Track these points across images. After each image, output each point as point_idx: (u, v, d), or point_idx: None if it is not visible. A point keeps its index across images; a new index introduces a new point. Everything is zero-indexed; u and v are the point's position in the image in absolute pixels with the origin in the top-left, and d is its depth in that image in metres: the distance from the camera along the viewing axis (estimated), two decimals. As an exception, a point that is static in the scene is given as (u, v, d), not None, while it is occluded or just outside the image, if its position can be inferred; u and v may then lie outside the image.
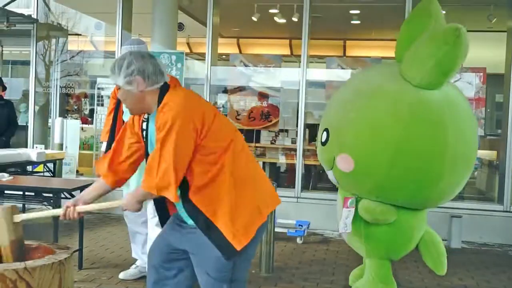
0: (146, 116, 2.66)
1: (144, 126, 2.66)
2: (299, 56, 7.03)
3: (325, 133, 3.90)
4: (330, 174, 3.93)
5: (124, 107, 4.23)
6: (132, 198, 2.57)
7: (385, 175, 3.62)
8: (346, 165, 3.69)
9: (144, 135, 2.67)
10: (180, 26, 9.77)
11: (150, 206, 4.21)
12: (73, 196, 4.54)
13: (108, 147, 4.21)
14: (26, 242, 2.99)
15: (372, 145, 3.62)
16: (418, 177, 3.61)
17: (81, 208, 2.67)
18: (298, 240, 5.95)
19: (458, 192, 3.97)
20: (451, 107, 3.68)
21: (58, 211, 2.72)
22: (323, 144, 3.91)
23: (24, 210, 6.49)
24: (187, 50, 11.27)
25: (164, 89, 2.56)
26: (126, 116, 4.24)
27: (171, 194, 2.40)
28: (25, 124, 7.91)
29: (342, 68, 7.66)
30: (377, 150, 3.60)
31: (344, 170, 3.72)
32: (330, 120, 3.95)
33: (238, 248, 2.42)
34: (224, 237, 2.42)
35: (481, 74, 8.37)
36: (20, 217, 2.73)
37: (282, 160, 8.09)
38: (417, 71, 3.60)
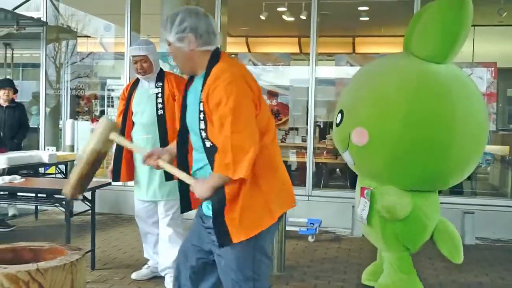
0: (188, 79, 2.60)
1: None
2: (308, 54, 7.01)
3: (339, 114, 3.99)
4: (346, 155, 3.96)
5: (133, 107, 4.25)
6: (206, 187, 2.39)
7: (397, 144, 3.66)
8: (360, 138, 3.76)
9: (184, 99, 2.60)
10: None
11: (161, 206, 4.22)
12: (85, 197, 4.57)
13: (118, 149, 4.22)
14: (38, 244, 3.02)
15: (383, 116, 3.71)
16: (427, 146, 3.64)
17: (163, 163, 2.57)
18: (310, 239, 5.93)
19: (467, 178, 4.12)
20: (458, 82, 3.81)
21: (144, 150, 2.72)
22: (338, 125, 3.97)
23: (36, 212, 6.54)
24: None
25: (215, 56, 2.47)
26: (136, 117, 4.24)
27: (244, 168, 2.29)
28: (36, 127, 7.95)
29: (351, 65, 7.62)
30: (388, 120, 3.69)
31: (359, 144, 3.77)
32: (343, 102, 4.06)
33: (235, 240, 2.38)
34: (226, 225, 2.38)
35: (492, 68, 8.32)
36: (115, 136, 2.67)
37: (292, 158, 8.08)
38: (424, 42, 3.76)
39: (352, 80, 4.25)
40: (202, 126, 2.43)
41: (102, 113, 9.42)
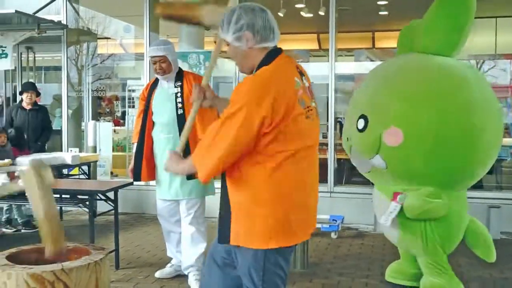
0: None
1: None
2: (327, 50, 6.97)
3: (361, 120, 3.89)
4: (377, 159, 3.83)
5: (153, 107, 4.27)
6: (177, 164, 2.52)
7: (434, 139, 3.65)
8: (395, 137, 3.69)
9: None
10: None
11: (183, 205, 4.24)
12: (108, 197, 4.61)
13: (139, 148, 4.25)
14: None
15: (417, 113, 3.70)
16: (462, 137, 3.68)
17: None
18: (333, 235, 5.91)
19: (492, 172, 4.60)
20: (471, 71, 4.02)
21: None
22: (362, 130, 3.88)
23: (61, 213, 6.62)
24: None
25: (270, 56, 2.39)
26: (156, 117, 4.26)
27: (204, 174, 2.32)
28: (59, 129, 8.05)
29: (371, 60, 7.57)
30: (422, 116, 3.68)
31: (393, 144, 3.70)
32: (364, 106, 3.96)
33: (232, 242, 2.37)
34: (229, 228, 2.38)
35: (516, 60, 8.19)
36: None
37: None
38: (433, 36, 3.87)
39: (366, 84, 4.18)
40: None
41: (123, 113, 9.51)
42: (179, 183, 4.18)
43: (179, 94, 4.18)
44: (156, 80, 4.35)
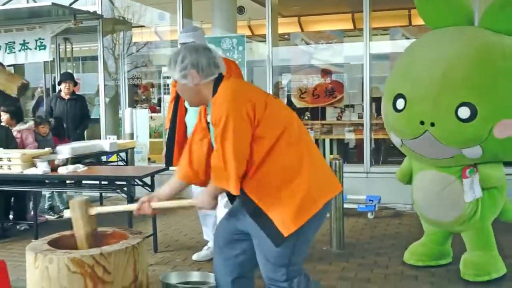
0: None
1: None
2: (362, 29, 6.88)
3: (465, 108, 3.48)
4: (475, 149, 3.59)
5: None
6: (207, 196, 2.65)
7: None
8: (507, 130, 3.51)
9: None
10: (241, 10, 9.81)
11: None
12: (144, 183, 4.70)
13: (171, 134, 4.30)
14: (102, 229, 3.14)
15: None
16: None
17: (156, 204, 2.74)
18: (369, 215, 5.88)
19: None
20: None
21: (133, 206, 2.82)
22: (467, 120, 3.50)
23: (101, 199, 6.79)
24: (249, 33, 11.29)
25: (218, 80, 2.60)
26: (186, 102, 4.31)
27: (232, 187, 2.46)
28: (98, 117, 8.22)
29: (407, 39, 7.42)
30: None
31: (503, 137, 3.52)
32: (466, 92, 3.51)
33: (286, 234, 2.46)
34: (273, 223, 2.47)
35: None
36: (95, 210, 2.88)
37: (349, 136, 7.99)
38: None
39: (462, 61, 3.62)
40: None
41: (159, 100, 9.62)
42: None
43: None
44: None
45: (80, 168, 4.86)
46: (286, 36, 9.27)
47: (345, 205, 5.08)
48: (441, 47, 3.73)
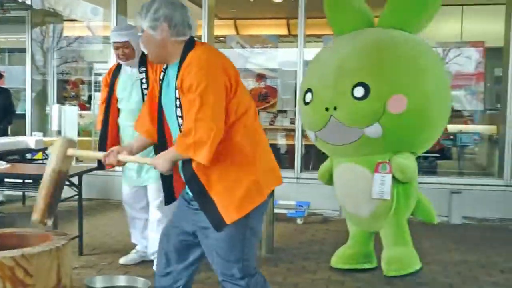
0: (165, 66, 2.60)
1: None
2: (297, 35, 6.97)
3: (360, 88, 3.86)
4: (375, 127, 3.86)
5: (117, 94, 4.20)
6: (167, 161, 2.45)
7: (431, 106, 3.91)
8: (400, 105, 3.80)
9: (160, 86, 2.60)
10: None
11: (151, 190, 4.20)
12: (71, 183, 4.55)
13: (103, 136, 4.19)
14: (25, 230, 3.02)
15: (419, 81, 3.89)
16: (446, 105, 4.11)
17: (122, 156, 2.60)
18: (299, 221, 5.96)
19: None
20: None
21: (101, 154, 2.68)
22: (362, 98, 3.84)
23: (24, 198, 6.52)
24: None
25: (189, 44, 2.47)
26: (122, 104, 4.19)
27: (205, 154, 2.31)
28: (24, 112, 7.90)
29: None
30: (423, 84, 3.89)
31: (397, 112, 3.80)
32: (360, 74, 3.91)
33: (228, 221, 2.39)
34: (216, 206, 2.39)
35: (480, 48, 8.32)
36: (73, 152, 2.72)
37: (281, 141, 8.08)
38: (400, 11, 4.10)
39: (360, 51, 4.06)
40: (179, 113, 2.46)
41: (89, 97, 9.36)
42: (146, 168, 4.16)
43: (144, 80, 4.11)
44: (119, 65, 4.26)
45: (3, 165, 4.64)
46: (221, 38, 9.26)
47: (276, 210, 5.13)
48: (340, 46, 4.24)
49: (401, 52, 4.00)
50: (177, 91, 2.43)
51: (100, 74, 8.50)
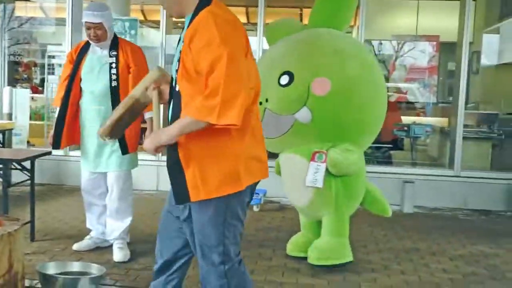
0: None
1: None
2: (256, 24, 6.97)
3: (285, 76, 3.99)
4: (303, 111, 3.93)
5: (82, 73, 4.07)
6: (173, 130, 2.28)
7: (356, 90, 3.99)
8: (323, 86, 3.88)
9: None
10: (134, -7, 9.54)
11: (111, 177, 4.13)
12: (23, 167, 4.43)
13: (61, 115, 4.07)
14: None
15: (343, 64, 4.00)
16: (374, 90, 4.15)
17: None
18: (255, 208, 5.99)
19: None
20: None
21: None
22: (287, 84, 3.96)
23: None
24: (142, 18, 11.03)
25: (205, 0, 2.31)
26: (86, 85, 4.04)
27: (235, 114, 2.12)
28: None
29: (299, 36, 7.62)
30: (348, 67, 4.00)
31: (321, 94, 3.88)
32: (286, 64, 4.06)
33: (193, 199, 2.31)
34: (185, 183, 2.31)
35: (434, 42, 8.52)
36: (160, 89, 2.56)
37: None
38: (324, 12, 4.26)
39: (288, 47, 4.26)
40: (176, 67, 2.34)
41: (42, 80, 9.11)
42: (107, 155, 4.08)
43: (113, 65, 4.00)
44: (88, 43, 4.10)
45: (-50, 148, 4.48)
46: (180, 24, 9.16)
47: (232, 197, 5.13)
48: (274, 47, 4.44)
49: (324, 41, 4.16)
50: (181, 44, 2.30)
51: (53, 57, 8.27)
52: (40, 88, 9.14)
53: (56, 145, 4.10)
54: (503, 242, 5.02)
